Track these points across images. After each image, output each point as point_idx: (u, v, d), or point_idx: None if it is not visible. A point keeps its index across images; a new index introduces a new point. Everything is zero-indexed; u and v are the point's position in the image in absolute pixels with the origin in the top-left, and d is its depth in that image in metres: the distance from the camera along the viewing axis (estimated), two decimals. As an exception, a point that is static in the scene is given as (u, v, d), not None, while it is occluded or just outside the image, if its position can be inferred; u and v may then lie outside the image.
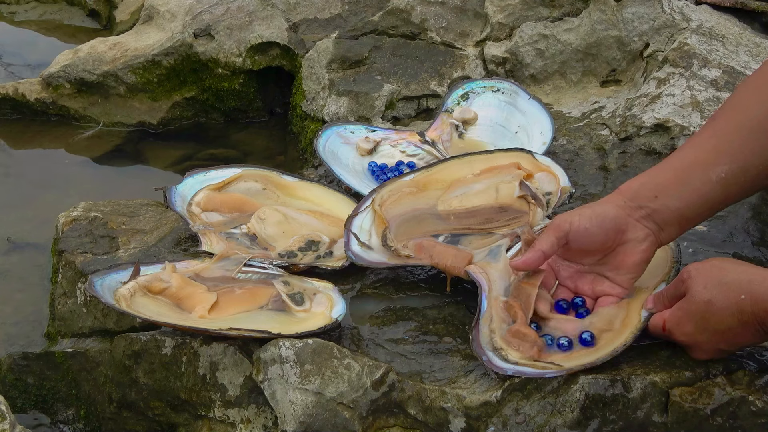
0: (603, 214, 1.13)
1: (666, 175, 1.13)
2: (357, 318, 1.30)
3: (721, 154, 1.12)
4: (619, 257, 1.16)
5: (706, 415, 1.11)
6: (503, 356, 1.17)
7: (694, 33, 1.80)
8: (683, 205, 1.12)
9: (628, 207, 1.13)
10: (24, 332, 1.59)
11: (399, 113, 1.90)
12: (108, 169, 2.06)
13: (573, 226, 1.14)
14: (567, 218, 1.15)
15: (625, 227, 1.13)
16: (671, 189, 1.12)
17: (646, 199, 1.12)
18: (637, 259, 1.15)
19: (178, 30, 2.13)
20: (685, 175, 1.12)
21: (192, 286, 1.33)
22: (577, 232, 1.14)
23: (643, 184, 1.14)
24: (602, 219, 1.13)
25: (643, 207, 1.13)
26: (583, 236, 1.14)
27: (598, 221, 1.13)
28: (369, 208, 1.44)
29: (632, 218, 1.13)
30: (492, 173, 1.49)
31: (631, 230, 1.13)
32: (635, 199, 1.13)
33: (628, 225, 1.13)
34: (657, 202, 1.11)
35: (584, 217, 1.13)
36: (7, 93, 2.17)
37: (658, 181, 1.13)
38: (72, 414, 1.44)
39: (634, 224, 1.13)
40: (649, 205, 1.12)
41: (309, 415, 1.16)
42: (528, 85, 1.89)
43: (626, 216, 1.13)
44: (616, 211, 1.13)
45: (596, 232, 1.13)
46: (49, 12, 2.79)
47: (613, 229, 1.13)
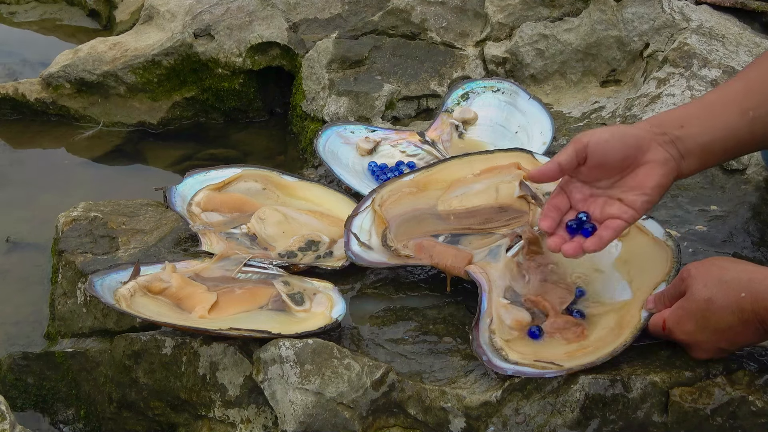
0: (625, 131, 1.11)
1: (693, 108, 1.13)
2: (357, 318, 1.30)
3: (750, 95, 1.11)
4: (637, 178, 1.11)
5: (706, 415, 1.11)
6: (503, 356, 1.17)
7: (694, 33, 1.80)
8: (708, 136, 1.11)
9: (652, 132, 1.11)
10: (24, 332, 1.59)
11: (399, 113, 1.90)
12: (108, 169, 2.06)
13: (593, 138, 1.11)
14: (588, 132, 1.12)
15: (647, 147, 1.10)
16: (698, 120, 1.11)
17: (672, 126, 1.10)
18: (655, 181, 1.10)
19: (178, 30, 2.13)
20: (713, 109, 1.11)
21: (192, 286, 1.33)
22: (597, 144, 1.10)
23: (669, 114, 1.13)
24: (624, 134, 1.10)
25: (668, 133, 1.10)
26: (603, 149, 1.10)
27: (619, 135, 1.10)
28: (369, 208, 1.44)
29: (655, 141, 1.10)
30: (492, 173, 1.49)
31: (652, 151, 1.10)
32: (660, 126, 1.11)
33: (650, 146, 1.10)
34: (682, 131, 1.10)
35: (606, 131, 1.11)
36: (7, 93, 2.18)
37: (685, 112, 1.13)
38: (72, 414, 1.44)
39: (656, 147, 1.10)
40: (673, 132, 1.10)
41: (309, 415, 1.16)
42: (528, 85, 1.89)
43: (650, 138, 1.10)
44: (639, 131, 1.11)
45: (616, 146, 1.10)
46: (49, 12, 2.79)
47: (634, 146, 1.10)
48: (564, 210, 1.17)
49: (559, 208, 1.17)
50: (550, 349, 1.19)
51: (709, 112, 1.12)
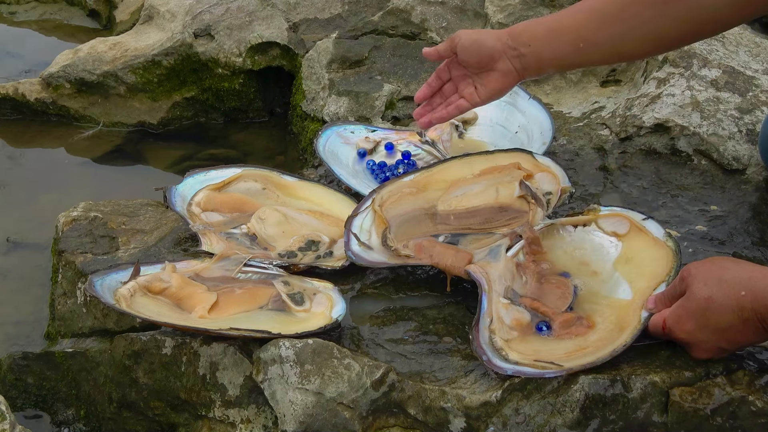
0: (483, 41, 1.38)
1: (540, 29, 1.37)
2: (357, 318, 1.30)
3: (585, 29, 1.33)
4: (488, 78, 1.40)
5: (706, 415, 1.11)
6: (503, 356, 1.17)
7: (694, 33, 1.79)
8: (545, 58, 1.36)
9: (507, 45, 1.37)
10: (24, 332, 1.59)
11: (399, 113, 1.89)
12: (108, 169, 2.06)
13: (461, 40, 1.40)
14: (461, 34, 1.41)
15: (498, 58, 1.38)
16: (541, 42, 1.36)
17: (522, 44, 1.36)
18: (497, 85, 1.40)
19: (178, 30, 2.13)
20: (555, 36, 1.35)
21: (192, 286, 1.33)
22: (462, 46, 1.40)
23: (524, 32, 1.38)
24: (481, 45, 1.38)
25: (517, 49, 1.36)
26: (466, 51, 1.39)
27: (477, 45, 1.39)
28: (369, 208, 1.44)
29: (505, 54, 1.37)
30: (492, 173, 1.49)
31: (501, 62, 1.38)
32: (514, 40, 1.37)
33: (500, 57, 1.38)
34: (528, 49, 1.36)
35: (470, 37, 1.40)
36: (7, 93, 2.18)
37: (533, 30, 1.37)
38: (72, 414, 1.44)
39: (504, 59, 1.37)
40: (521, 49, 1.36)
41: (309, 415, 1.16)
42: (528, 85, 1.89)
43: (502, 50, 1.37)
44: (494, 43, 1.38)
45: (474, 52, 1.39)
46: (49, 12, 2.79)
47: (488, 56, 1.38)
48: (444, 80, 1.45)
49: (440, 78, 1.46)
50: (551, 349, 1.19)
51: (551, 38, 1.36)
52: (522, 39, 1.36)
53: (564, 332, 1.21)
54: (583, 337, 1.21)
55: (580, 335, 1.21)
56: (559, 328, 1.22)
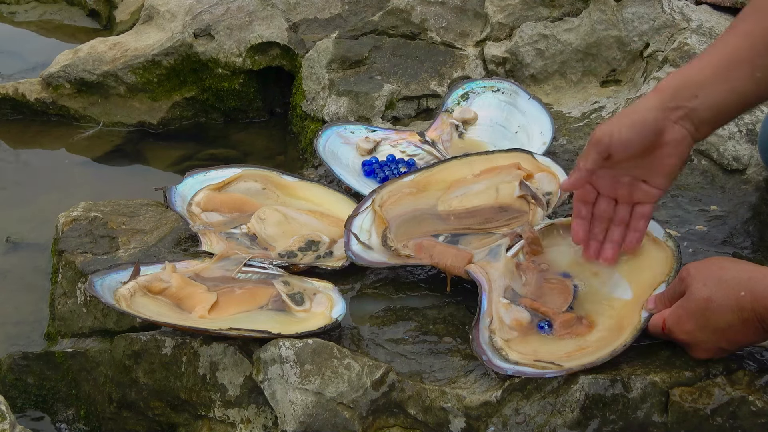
0: (642, 122, 1.12)
1: (703, 73, 1.13)
2: (357, 318, 1.30)
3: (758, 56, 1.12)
4: (657, 160, 1.14)
5: (706, 415, 1.11)
6: (503, 356, 1.17)
7: (694, 33, 1.80)
8: (722, 104, 1.12)
9: (667, 108, 1.12)
10: (24, 332, 1.59)
11: (399, 113, 1.89)
12: (108, 169, 2.06)
13: (614, 139, 1.12)
14: (607, 131, 1.13)
15: (663, 129, 1.12)
16: (710, 87, 1.12)
17: (686, 98, 1.12)
18: (675, 161, 1.14)
19: (178, 30, 2.13)
20: (722, 73, 1.12)
21: (192, 286, 1.33)
22: (619, 144, 1.12)
23: (683, 83, 1.13)
24: (642, 125, 1.12)
25: (682, 107, 1.12)
26: (625, 146, 1.13)
27: (638, 130, 1.12)
28: (369, 208, 1.45)
29: (670, 120, 1.12)
30: (492, 173, 1.49)
31: (669, 132, 1.12)
32: (675, 99, 1.12)
33: (666, 127, 1.12)
34: (696, 101, 1.11)
35: (624, 127, 1.12)
36: (7, 93, 2.17)
37: (696, 79, 1.13)
38: (72, 414, 1.44)
39: (671, 126, 1.12)
40: (687, 105, 1.12)
41: (309, 415, 1.16)
42: (528, 85, 1.89)
43: (664, 118, 1.12)
44: (655, 114, 1.12)
45: (637, 141, 1.12)
46: (49, 12, 2.79)
47: (653, 134, 1.12)
48: (592, 201, 1.20)
49: (587, 201, 1.21)
50: (551, 349, 1.19)
51: (722, 77, 1.12)
52: (683, 93, 1.12)
53: (565, 332, 1.21)
54: (583, 337, 1.21)
55: (580, 335, 1.21)
56: (559, 327, 1.22)
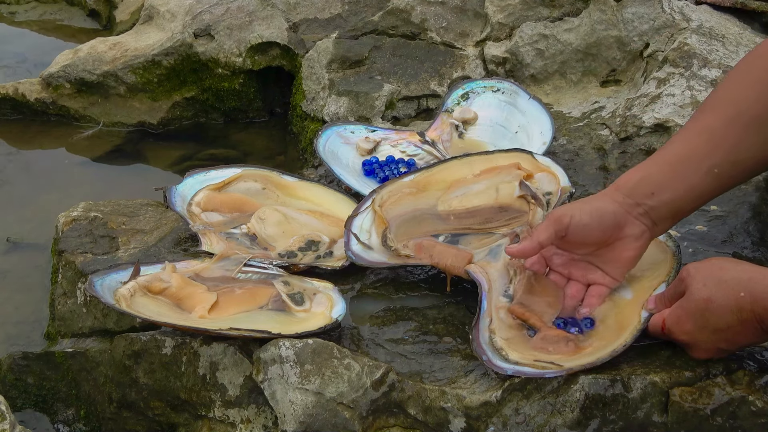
0: (603, 210, 1.15)
1: (662, 171, 1.15)
2: (357, 318, 1.30)
3: (715, 149, 1.13)
4: (615, 251, 1.18)
5: (706, 415, 1.11)
6: (503, 356, 1.17)
7: (694, 33, 1.80)
8: (679, 201, 1.15)
9: (627, 204, 1.15)
10: (24, 332, 1.59)
11: (399, 113, 1.89)
12: (108, 169, 2.06)
13: (573, 221, 1.15)
14: (567, 212, 1.16)
15: (623, 224, 1.15)
16: (667, 185, 1.14)
17: (643, 196, 1.14)
18: (632, 254, 1.18)
19: (178, 30, 2.13)
20: (680, 170, 1.14)
21: (192, 286, 1.33)
22: (577, 227, 1.15)
23: (641, 180, 1.16)
24: (602, 215, 1.15)
25: (641, 204, 1.15)
26: (582, 231, 1.16)
27: (597, 217, 1.15)
28: (369, 208, 1.45)
29: (630, 215, 1.15)
30: (492, 173, 1.49)
31: (629, 227, 1.15)
32: (632, 196, 1.15)
33: (626, 222, 1.15)
34: (654, 199, 1.14)
35: (584, 212, 1.15)
36: (7, 93, 2.18)
37: (654, 178, 1.15)
38: (72, 414, 1.44)
39: (632, 221, 1.15)
40: (646, 203, 1.15)
41: (309, 415, 1.16)
42: (528, 85, 1.89)
43: (625, 213, 1.15)
44: (615, 207, 1.15)
45: (595, 228, 1.15)
46: (49, 12, 2.79)
47: (612, 226, 1.15)
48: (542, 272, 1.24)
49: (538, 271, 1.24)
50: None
51: (678, 176, 1.14)
52: (640, 192, 1.14)
53: (541, 346, 1.18)
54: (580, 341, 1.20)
55: (560, 353, 1.17)
56: (540, 343, 1.19)
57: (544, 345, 1.18)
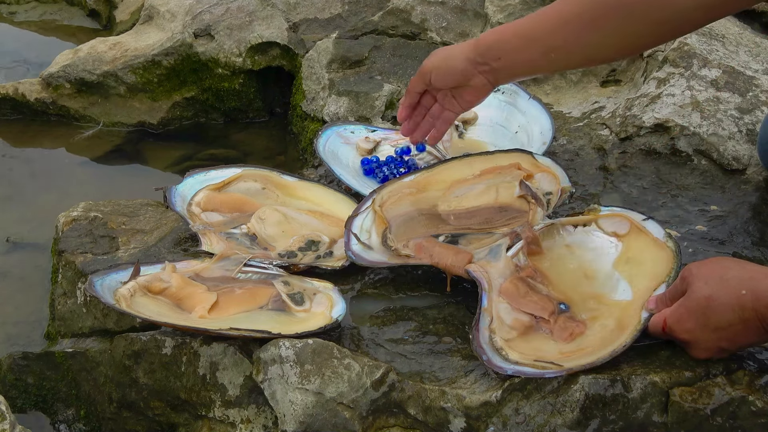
0: (455, 66, 1.42)
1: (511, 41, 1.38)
2: (357, 318, 1.30)
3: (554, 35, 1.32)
4: (464, 93, 1.45)
5: (706, 415, 1.11)
6: (503, 356, 1.17)
7: (694, 33, 1.80)
8: (516, 69, 1.40)
9: (476, 62, 1.40)
10: (24, 332, 1.59)
11: (399, 113, 1.89)
12: (108, 169, 2.06)
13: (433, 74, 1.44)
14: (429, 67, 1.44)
15: (470, 76, 1.41)
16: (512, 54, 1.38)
17: (492, 58, 1.38)
18: (474, 97, 1.45)
19: (178, 30, 2.13)
20: (525, 45, 1.36)
21: (192, 286, 1.33)
22: (436, 80, 1.44)
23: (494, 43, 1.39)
24: (453, 72, 1.42)
25: (487, 64, 1.39)
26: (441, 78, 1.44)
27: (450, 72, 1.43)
28: (369, 208, 1.45)
29: (477, 71, 1.40)
30: (492, 174, 1.49)
31: (473, 79, 1.41)
32: (483, 56, 1.39)
33: (473, 74, 1.41)
34: (498, 63, 1.38)
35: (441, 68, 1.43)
36: (7, 93, 2.18)
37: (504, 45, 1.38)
38: (72, 414, 1.44)
39: (477, 75, 1.40)
40: (491, 64, 1.39)
41: (309, 415, 1.16)
42: (528, 85, 1.89)
43: (472, 68, 1.40)
44: (464, 65, 1.41)
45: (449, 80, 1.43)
46: (49, 12, 2.79)
47: (461, 75, 1.42)
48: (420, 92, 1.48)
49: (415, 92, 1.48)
50: (551, 349, 1.19)
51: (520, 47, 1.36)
52: (491, 53, 1.39)
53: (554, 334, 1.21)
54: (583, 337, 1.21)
55: (575, 336, 1.20)
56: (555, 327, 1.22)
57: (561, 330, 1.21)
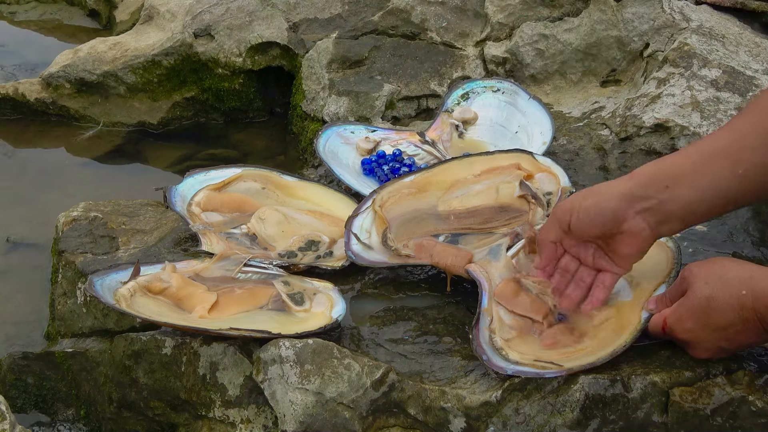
0: (602, 207, 1.13)
1: (683, 162, 1.11)
2: (357, 318, 1.30)
3: (743, 149, 1.08)
4: (616, 244, 1.16)
5: (706, 415, 1.11)
6: (503, 356, 1.17)
7: (694, 33, 1.80)
8: (695, 198, 1.10)
9: (633, 197, 1.11)
10: (24, 332, 1.59)
11: (399, 113, 1.89)
12: (108, 169, 2.06)
13: (572, 219, 1.16)
14: (568, 209, 1.16)
15: (623, 219, 1.13)
16: (686, 178, 1.09)
17: (657, 189, 1.10)
18: (631, 251, 1.16)
19: (178, 30, 2.13)
20: (704, 165, 1.09)
21: (192, 286, 1.33)
22: (577, 224, 1.16)
23: (658, 171, 1.12)
24: (599, 214, 1.14)
25: (650, 198, 1.11)
26: (582, 227, 1.16)
27: (594, 216, 1.14)
28: (369, 208, 1.45)
29: (632, 210, 1.12)
30: (492, 174, 1.49)
31: (628, 222, 1.13)
32: (645, 188, 1.11)
33: (626, 217, 1.12)
34: (666, 193, 1.09)
35: (583, 210, 1.15)
36: (7, 93, 2.17)
37: (672, 169, 1.11)
38: (72, 414, 1.44)
39: (632, 217, 1.12)
40: (657, 197, 1.10)
41: (309, 415, 1.16)
42: (528, 85, 1.89)
43: (626, 208, 1.12)
44: (617, 203, 1.12)
45: (595, 225, 1.15)
46: (49, 12, 2.79)
47: (611, 220, 1.13)
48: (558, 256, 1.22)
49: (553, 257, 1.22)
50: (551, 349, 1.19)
51: (699, 170, 1.09)
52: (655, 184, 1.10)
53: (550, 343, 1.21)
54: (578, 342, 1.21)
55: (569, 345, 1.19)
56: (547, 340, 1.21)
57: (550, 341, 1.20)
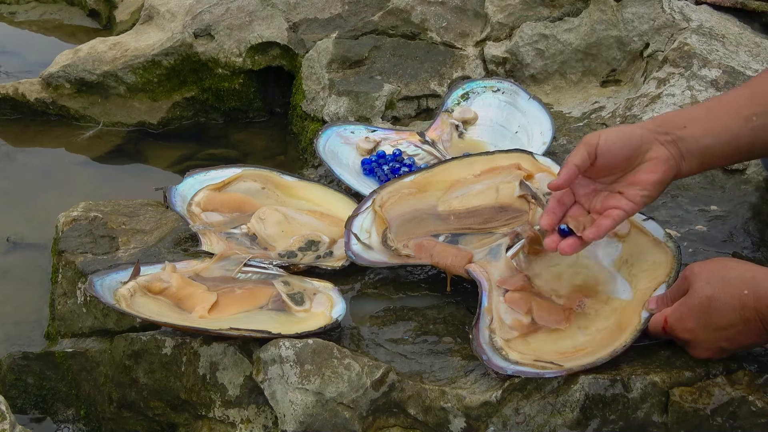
0: (630, 131, 1.16)
1: (698, 110, 1.17)
2: (357, 318, 1.30)
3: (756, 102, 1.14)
4: (638, 174, 1.16)
5: (706, 415, 1.11)
6: (503, 355, 1.17)
7: (694, 33, 1.80)
8: (710, 139, 1.15)
9: (656, 131, 1.16)
10: (24, 332, 1.59)
11: (399, 113, 1.90)
12: (108, 169, 2.06)
13: (601, 139, 1.16)
14: (596, 133, 1.17)
15: (649, 145, 1.15)
16: (701, 121, 1.15)
17: (675, 127, 1.15)
18: (655, 177, 1.16)
19: (178, 30, 2.13)
20: (717, 112, 1.15)
21: (192, 286, 1.33)
22: (605, 145, 1.16)
23: (675, 115, 1.18)
24: (629, 135, 1.16)
25: (670, 133, 1.15)
26: (611, 149, 1.16)
27: (625, 135, 1.16)
28: (369, 208, 1.45)
29: (657, 140, 1.15)
30: (492, 174, 1.49)
31: (654, 149, 1.15)
32: (664, 126, 1.16)
33: (652, 144, 1.15)
34: (684, 131, 1.14)
35: (612, 132, 1.17)
36: (7, 93, 2.18)
37: (688, 114, 1.17)
38: (72, 414, 1.44)
39: (658, 145, 1.15)
40: (676, 132, 1.15)
41: (309, 415, 1.16)
42: (528, 85, 1.89)
43: (652, 137, 1.15)
44: (643, 131, 1.16)
45: (623, 146, 1.16)
46: (49, 12, 2.79)
47: (638, 145, 1.15)
48: (568, 205, 1.21)
49: (563, 203, 1.21)
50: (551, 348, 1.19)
51: (713, 115, 1.15)
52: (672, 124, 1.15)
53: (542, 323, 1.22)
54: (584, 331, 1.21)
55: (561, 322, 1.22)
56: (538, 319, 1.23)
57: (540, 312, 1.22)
